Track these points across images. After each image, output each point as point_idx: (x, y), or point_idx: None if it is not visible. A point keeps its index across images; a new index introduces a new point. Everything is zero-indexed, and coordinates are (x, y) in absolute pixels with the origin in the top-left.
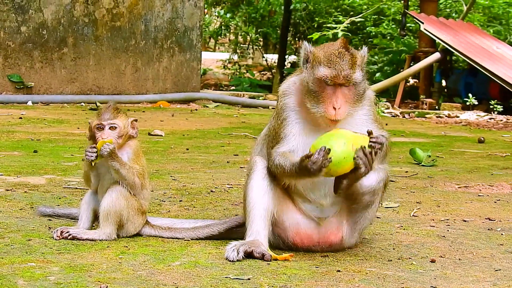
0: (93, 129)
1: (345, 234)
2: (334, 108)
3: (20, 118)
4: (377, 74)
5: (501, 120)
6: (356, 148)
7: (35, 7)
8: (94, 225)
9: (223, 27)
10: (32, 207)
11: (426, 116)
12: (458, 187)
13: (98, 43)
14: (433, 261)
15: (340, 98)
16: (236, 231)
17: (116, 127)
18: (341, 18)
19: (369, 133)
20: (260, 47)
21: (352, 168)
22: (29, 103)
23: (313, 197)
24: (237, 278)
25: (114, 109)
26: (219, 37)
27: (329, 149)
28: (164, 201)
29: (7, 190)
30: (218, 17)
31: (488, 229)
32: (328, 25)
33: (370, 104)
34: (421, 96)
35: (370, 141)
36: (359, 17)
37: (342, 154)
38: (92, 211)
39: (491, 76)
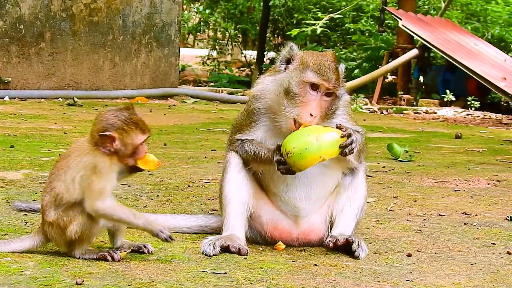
0: (139, 144)
1: (326, 233)
2: (311, 115)
3: None
4: (356, 71)
5: (478, 116)
6: (320, 140)
7: (12, 2)
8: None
9: (202, 23)
10: (8, 202)
11: (404, 112)
12: (435, 182)
13: (76, 38)
14: (409, 255)
15: (319, 107)
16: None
17: None
18: (320, 14)
19: (339, 128)
20: (239, 44)
21: (317, 161)
22: (6, 98)
23: (287, 199)
24: (213, 273)
25: None
26: (198, 33)
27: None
28: (141, 196)
29: None
30: (197, 13)
31: (464, 224)
32: (307, 21)
33: (345, 105)
34: (399, 92)
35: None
36: (338, 14)
37: (304, 145)
38: None
39: (468, 73)
